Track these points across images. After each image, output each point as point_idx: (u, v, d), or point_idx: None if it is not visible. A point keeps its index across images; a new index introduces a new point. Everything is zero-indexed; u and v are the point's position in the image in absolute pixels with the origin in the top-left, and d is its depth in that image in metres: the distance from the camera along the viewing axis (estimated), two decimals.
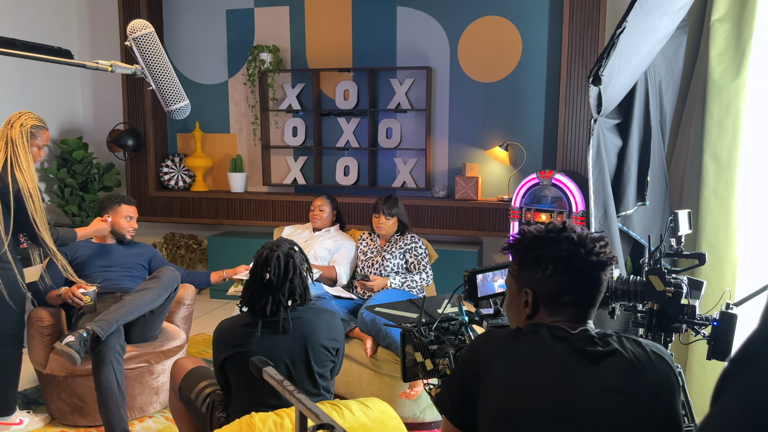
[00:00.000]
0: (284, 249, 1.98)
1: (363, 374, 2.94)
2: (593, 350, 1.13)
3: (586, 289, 1.20)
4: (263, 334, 1.94)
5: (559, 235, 1.21)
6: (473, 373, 1.16)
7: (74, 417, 2.82)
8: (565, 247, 1.19)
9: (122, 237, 3.12)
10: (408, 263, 3.34)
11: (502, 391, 1.11)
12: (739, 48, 2.73)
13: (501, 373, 1.12)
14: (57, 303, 2.85)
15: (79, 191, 4.91)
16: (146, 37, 1.59)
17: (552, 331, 1.16)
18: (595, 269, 1.20)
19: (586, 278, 1.20)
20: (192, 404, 2.11)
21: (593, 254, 1.19)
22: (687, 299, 1.91)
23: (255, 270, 1.96)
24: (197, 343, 3.89)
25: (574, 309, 1.21)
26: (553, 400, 1.08)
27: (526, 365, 1.12)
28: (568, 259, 1.19)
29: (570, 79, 4.15)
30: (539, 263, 1.21)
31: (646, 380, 1.11)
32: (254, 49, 4.75)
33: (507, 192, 4.41)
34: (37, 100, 4.87)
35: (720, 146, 2.79)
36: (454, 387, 1.20)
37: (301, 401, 1.06)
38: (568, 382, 1.09)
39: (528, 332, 1.17)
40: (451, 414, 1.19)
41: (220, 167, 5.15)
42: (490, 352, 1.15)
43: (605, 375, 1.10)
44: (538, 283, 1.21)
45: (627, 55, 2.02)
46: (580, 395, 1.08)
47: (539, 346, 1.14)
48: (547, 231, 1.23)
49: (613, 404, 1.07)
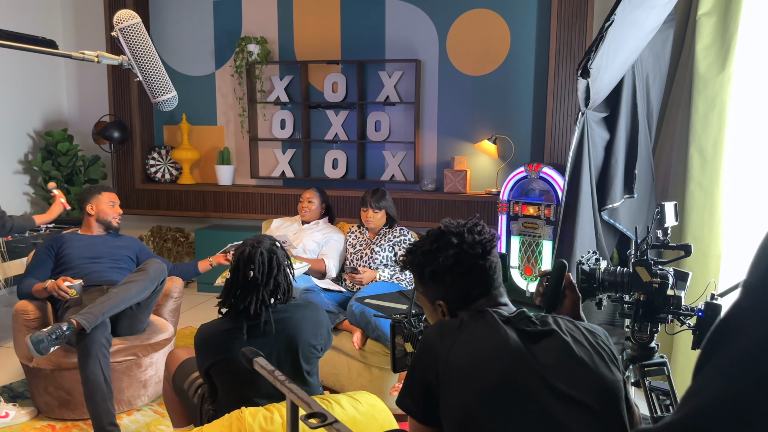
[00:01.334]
0: (266, 245, 1.92)
1: (352, 366, 2.95)
2: (534, 329, 1.18)
3: (483, 277, 1.28)
4: (248, 338, 1.89)
5: (440, 243, 1.29)
6: (432, 369, 1.17)
7: (61, 410, 2.80)
8: (451, 253, 1.26)
9: (109, 224, 3.10)
10: (397, 256, 3.35)
11: (462, 385, 1.12)
12: (725, 42, 2.76)
13: (458, 366, 1.14)
14: (43, 296, 2.82)
15: (64, 184, 4.86)
16: (133, 28, 1.57)
17: (496, 314, 1.21)
18: (483, 257, 1.27)
19: (479, 269, 1.27)
20: (184, 394, 2.11)
21: (476, 245, 1.27)
22: (673, 290, 1.94)
23: (237, 269, 1.89)
24: (185, 336, 3.87)
25: (485, 298, 1.28)
26: (510, 386, 1.11)
27: (481, 354, 1.15)
28: (457, 262, 1.26)
29: (558, 73, 4.16)
30: (436, 277, 1.28)
31: (587, 354, 1.16)
32: (242, 41, 4.71)
33: (495, 185, 4.43)
34: (21, 91, 4.80)
35: (705, 139, 2.82)
36: (414, 385, 1.21)
37: (292, 391, 1.07)
38: (521, 365, 1.13)
39: (477, 318, 1.21)
40: (415, 411, 1.20)
41: (207, 160, 5.12)
42: (445, 345, 1.17)
43: (550, 352, 1.15)
44: (444, 293, 1.29)
45: (615, 48, 2.03)
46: (532, 376, 1.12)
47: (491, 332, 1.17)
48: (429, 242, 1.31)
49: (562, 380, 1.11)
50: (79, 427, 2.76)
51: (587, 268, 1.94)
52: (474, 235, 1.29)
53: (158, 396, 3.02)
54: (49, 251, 2.96)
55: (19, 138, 4.84)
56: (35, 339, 2.40)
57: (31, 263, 2.95)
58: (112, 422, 2.55)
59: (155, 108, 5.56)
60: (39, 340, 2.40)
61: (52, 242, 2.99)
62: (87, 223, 3.12)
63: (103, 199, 3.11)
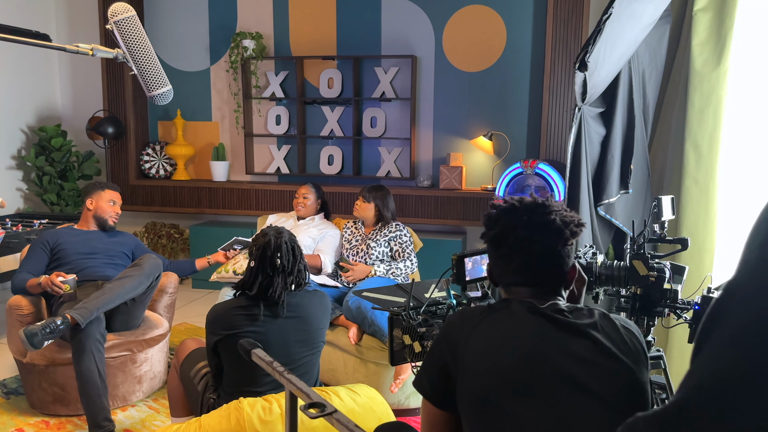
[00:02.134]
0: (287, 236, 2.04)
1: (348, 362, 2.94)
2: (564, 319, 1.16)
3: (526, 260, 1.25)
4: (263, 318, 1.98)
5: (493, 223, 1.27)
6: (451, 352, 1.16)
7: (55, 406, 2.78)
8: (522, 233, 1.23)
9: (104, 222, 3.08)
10: (393, 251, 3.34)
11: (480, 368, 1.12)
12: (721, 38, 2.76)
13: (478, 350, 1.13)
14: (37, 291, 2.80)
15: (57, 179, 4.83)
16: (128, 21, 1.56)
17: (523, 305, 1.18)
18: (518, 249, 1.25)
19: (524, 256, 1.24)
20: (190, 381, 2.16)
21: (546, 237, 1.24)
22: (670, 284, 1.94)
23: (264, 256, 1.99)
24: (180, 332, 3.86)
25: (527, 288, 1.25)
26: (530, 372, 1.10)
27: (502, 339, 1.14)
28: (520, 240, 1.23)
29: (554, 69, 4.17)
30: (503, 260, 1.26)
31: (616, 351, 1.13)
32: (237, 36, 4.69)
33: (491, 181, 4.43)
34: (14, 86, 4.76)
35: (701, 135, 2.83)
36: (432, 368, 1.21)
37: (291, 381, 1.06)
38: (541, 353, 1.11)
39: (501, 307, 1.19)
40: (431, 395, 1.20)
41: (202, 156, 5.10)
42: (466, 329, 1.16)
43: (577, 345, 1.13)
44: (492, 262, 1.28)
45: (613, 42, 2.04)
46: (553, 365, 1.10)
47: (513, 320, 1.16)
48: (520, 212, 1.26)
49: (586, 373, 1.10)
50: (74, 423, 2.74)
51: (584, 262, 1.95)
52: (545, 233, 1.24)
53: (153, 392, 3.00)
54: (44, 246, 2.94)
55: (13, 133, 4.80)
56: (29, 332, 2.37)
57: (26, 258, 2.93)
58: (107, 417, 2.54)
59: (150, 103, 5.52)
60: (33, 333, 2.38)
61: (47, 237, 2.96)
62: (85, 217, 3.10)
63: (104, 196, 3.09)
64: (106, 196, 3.09)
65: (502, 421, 1.07)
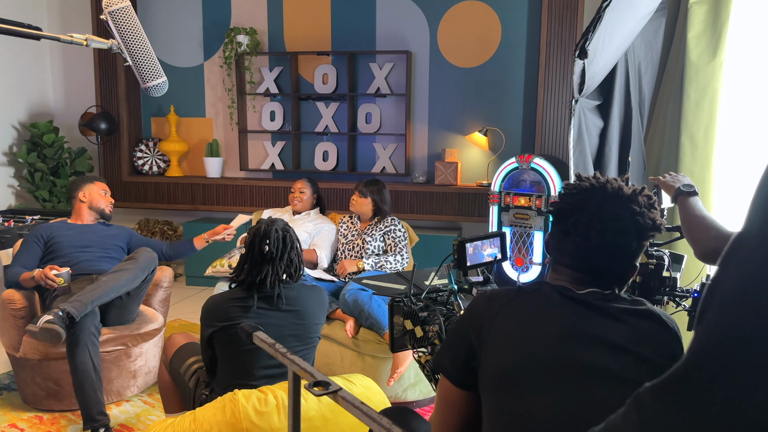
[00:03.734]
0: (280, 224, 2.02)
1: (345, 355, 2.93)
2: (601, 304, 1.12)
3: (607, 257, 1.16)
4: (257, 309, 1.96)
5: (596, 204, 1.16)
6: (475, 331, 1.14)
7: (49, 401, 2.75)
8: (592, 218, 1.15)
9: (102, 211, 3.07)
10: (386, 245, 3.34)
11: (506, 347, 1.09)
12: (716, 30, 2.78)
13: (504, 330, 1.10)
14: (30, 285, 2.76)
15: (50, 176, 4.78)
16: (122, 11, 1.53)
17: (556, 289, 1.15)
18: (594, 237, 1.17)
19: (604, 245, 1.16)
20: (180, 378, 2.11)
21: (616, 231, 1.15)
22: (668, 272, 1.95)
23: (253, 243, 1.98)
24: (174, 328, 3.83)
25: (599, 276, 1.17)
26: (557, 354, 1.06)
27: (529, 321, 1.11)
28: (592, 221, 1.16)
29: (549, 64, 4.18)
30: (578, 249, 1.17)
31: (653, 341, 1.09)
32: (231, 32, 4.67)
33: (486, 177, 4.43)
34: (5, 82, 4.71)
35: (696, 127, 2.84)
36: (453, 346, 1.18)
37: (294, 362, 1.05)
38: (572, 336, 1.08)
39: (531, 290, 1.15)
40: (451, 373, 1.17)
41: (195, 152, 5.07)
42: (492, 309, 1.14)
43: (612, 330, 1.09)
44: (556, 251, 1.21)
45: (611, 31, 2.04)
46: (584, 349, 1.06)
47: (543, 302, 1.13)
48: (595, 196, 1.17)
49: (618, 360, 1.06)
50: (68, 418, 2.71)
51: None
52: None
53: (148, 386, 2.98)
54: (38, 240, 2.90)
55: (4, 130, 4.75)
56: (57, 323, 2.41)
57: (19, 252, 2.89)
58: (102, 411, 2.51)
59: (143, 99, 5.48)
60: (60, 324, 2.41)
61: (40, 230, 2.93)
62: (78, 211, 3.07)
63: (96, 188, 3.08)
64: (97, 188, 3.08)
65: (524, 401, 1.04)
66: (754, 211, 0.66)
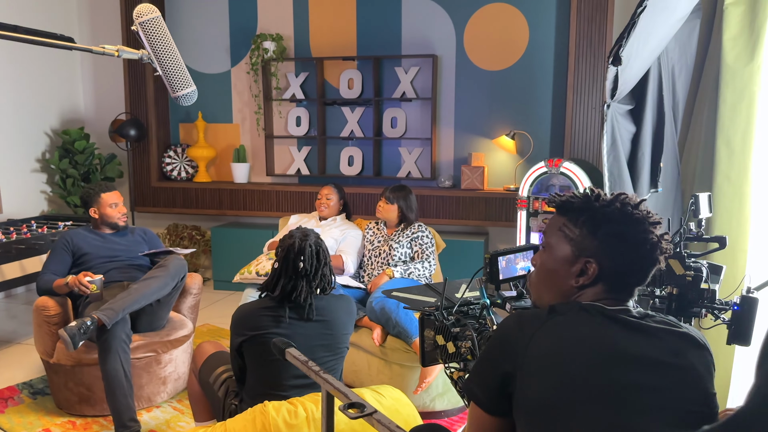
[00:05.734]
0: (313, 239, 2.01)
1: (372, 363, 2.92)
2: (636, 321, 1.09)
3: (648, 272, 1.16)
4: (288, 320, 1.96)
5: (638, 213, 1.14)
6: (509, 358, 1.10)
7: (81, 406, 2.79)
8: (643, 229, 1.13)
9: (114, 225, 3.07)
10: (413, 252, 3.31)
11: (544, 374, 1.05)
12: (753, 32, 2.70)
13: (540, 356, 1.07)
14: (63, 292, 2.81)
15: (81, 182, 4.88)
16: (153, 22, 1.55)
17: (590, 309, 1.11)
18: (658, 252, 1.15)
19: (652, 262, 1.15)
20: (210, 387, 2.11)
21: (661, 239, 1.15)
22: (707, 283, 1.89)
23: (287, 259, 1.97)
24: (203, 333, 3.86)
25: (631, 290, 1.16)
26: (598, 376, 1.03)
27: (566, 344, 1.07)
28: (645, 242, 1.13)
29: (578, 67, 4.11)
30: (616, 239, 1.13)
31: (690, 359, 1.07)
32: (257, 38, 4.70)
33: (513, 181, 4.38)
34: (38, 90, 4.82)
35: (733, 132, 2.76)
36: (485, 373, 1.14)
37: (328, 381, 1.03)
38: (614, 358, 1.04)
39: (564, 311, 1.11)
40: (484, 401, 1.13)
41: (222, 157, 5.11)
42: (526, 335, 1.09)
43: (651, 347, 1.06)
44: (606, 257, 1.13)
45: (645, 36, 1.99)
46: (628, 371, 1.03)
47: (577, 324, 1.09)
48: (623, 205, 1.15)
49: (662, 376, 1.03)
50: (99, 423, 2.75)
51: None
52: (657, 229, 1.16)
53: (177, 393, 3.00)
54: (66, 247, 2.95)
55: (37, 137, 4.86)
56: (71, 333, 2.44)
57: (49, 259, 2.94)
58: (133, 418, 2.54)
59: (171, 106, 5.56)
60: (73, 334, 2.44)
61: (68, 237, 2.97)
62: (95, 224, 3.09)
63: (103, 203, 3.03)
64: (105, 202, 3.02)
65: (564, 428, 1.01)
66: None
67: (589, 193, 1.19)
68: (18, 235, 3.75)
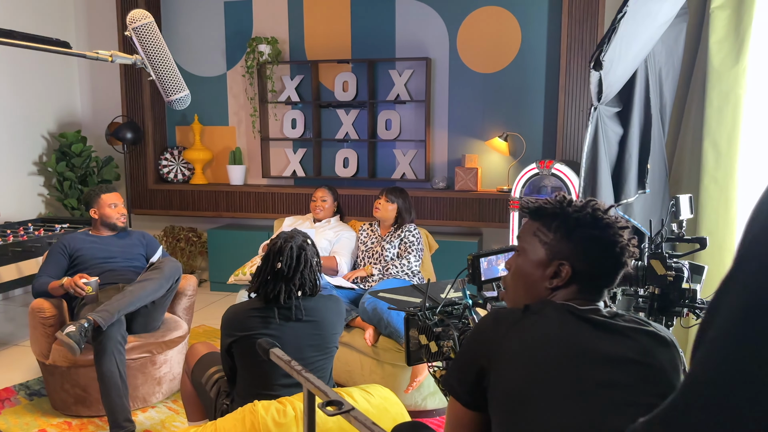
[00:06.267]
0: (297, 241, 2.02)
1: (365, 363, 2.95)
2: (605, 321, 1.13)
3: (617, 274, 1.22)
4: (277, 320, 1.99)
5: (608, 219, 1.21)
6: (484, 353, 1.14)
7: (77, 407, 2.82)
8: (613, 233, 1.19)
9: (114, 225, 3.12)
10: (400, 251, 3.36)
11: (516, 368, 1.10)
12: (739, 35, 2.74)
13: (513, 351, 1.11)
14: (59, 293, 2.85)
15: (78, 185, 4.91)
16: (146, 27, 1.58)
17: (562, 308, 1.16)
18: (627, 256, 1.21)
19: (621, 265, 1.21)
20: (202, 388, 2.15)
21: (629, 243, 1.21)
22: (688, 283, 1.93)
23: (267, 258, 2.00)
24: (198, 334, 3.90)
25: (601, 291, 1.22)
26: (567, 373, 1.07)
27: (538, 341, 1.11)
28: (615, 245, 1.19)
29: (570, 69, 4.15)
30: (588, 242, 1.19)
31: (657, 357, 1.11)
32: (253, 41, 4.74)
33: (507, 182, 4.42)
34: (35, 94, 4.86)
35: (719, 134, 2.80)
36: (462, 368, 1.19)
37: (309, 380, 1.07)
38: (582, 354, 1.09)
39: (537, 310, 1.16)
40: (461, 395, 1.18)
41: (219, 160, 5.15)
42: (501, 331, 1.14)
43: (620, 345, 1.10)
44: (578, 260, 1.19)
45: (628, 41, 2.02)
46: (595, 367, 1.07)
47: (550, 322, 1.14)
48: (594, 210, 1.21)
49: (629, 374, 1.07)
50: (95, 424, 2.78)
51: None
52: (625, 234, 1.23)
53: (173, 393, 3.04)
54: (63, 250, 2.99)
55: (34, 140, 4.89)
56: (74, 337, 2.47)
57: (45, 262, 2.98)
58: (128, 418, 2.58)
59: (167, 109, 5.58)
60: (76, 339, 2.48)
61: (64, 241, 3.02)
62: (95, 225, 3.14)
63: (103, 203, 3.09)
64: (104, 203, 3.09)
65: (536, 421, 1.05)
66: (740, 252, 0.65)
67: (561, 200, 1.25)
68: (15, 237, 3.79)
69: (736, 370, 0.59)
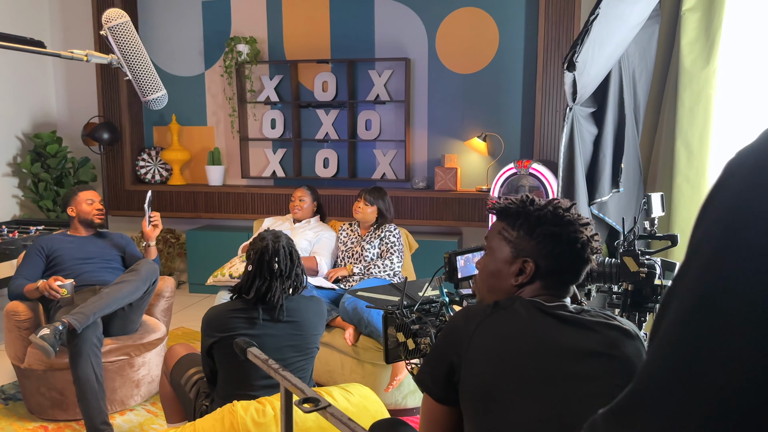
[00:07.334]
0: (284, 240, 2.04)
1: (345, 363, 2.96)
2: (572, 315, 1.17)
3: (581, 270, 1.25)
4: (261, 321, 1.99)
5: (569, 216, 1.24)
6: (454, 348, 1.17)
7: (54, 411, 2.79)
8: (575, 230, 1.23)
9: (90, 222, 3.09)
10: (381, 251, 3.37)
11: (485, 363, 1.12)
12: (709, 37, 2.80)
13: (482, 346, 1.14)
14: (34, 296, 2.81)
15: (53, 186, 4.84)
16: (122, 27, 1.57)
17: (529, 304, 1.19)
18: (589, 251, 1.25)
19: (584, 260, 1.24)
20: (181, 389, 2.14)
21: (591, 239, 1.25)
22: (660, 279, 1.97)
23: (261, 261, 1.99)
24: (177, 337, 3.87)
25: (566, 287, 1.25)
26: (535, 366, 1.10)
27: (507, 336, 1.14)
28: (576, 241, 1.22)
29: (546, 70, 4.20)
30: (550, 239, 1.22)
31: (623, 349, 1.14)
32: (231, 41, 4.71)
33: (486, 182, 4.46)
34: (9, 94, 4.77)
35: (691, 133, 2.86)
36: (434, 364, 1.21)
37: (286, 378, 1.08)
38: (549, 349, 1.12)
39: (506, 306, 1.19)
40: (433, 390, 1.20)
41: (197, 160, 5.11)
42: (470, 326, 1.17)
43: (586, 338, 1.13)
44: (541, 257, 1.22)
45: (601, 42, 2.06)
46: (562, 361, 1.10)
47: (518, 317, 1.16)
48: (555, 208, 1.25)
49: (596, 366, 1.10)
50: (72, 428, 2.75)
51: None
52: (588, 229, 1.26)
53: (151, 396, 3.01)
54: (40, 252, 2.95)
55: (8, 140, 4.81)
56: (48, 340, 2.44)
57: (22, 264, 2.94)
58: (105, 421, 2.55)
59: (145, 109, 5.53)
60: (51, 342, 2.44)
61: (42, 242, 2.98)
62: (73, 225, 3.11)
63: (80, 199, 3.08)
64: (81, 199, 3.08)
65: (504, 415, 1.07)
66: (690, 244, 0.66)
67: (524, 199, 1.28)
68: None
69: (684, 362, 0.61)
